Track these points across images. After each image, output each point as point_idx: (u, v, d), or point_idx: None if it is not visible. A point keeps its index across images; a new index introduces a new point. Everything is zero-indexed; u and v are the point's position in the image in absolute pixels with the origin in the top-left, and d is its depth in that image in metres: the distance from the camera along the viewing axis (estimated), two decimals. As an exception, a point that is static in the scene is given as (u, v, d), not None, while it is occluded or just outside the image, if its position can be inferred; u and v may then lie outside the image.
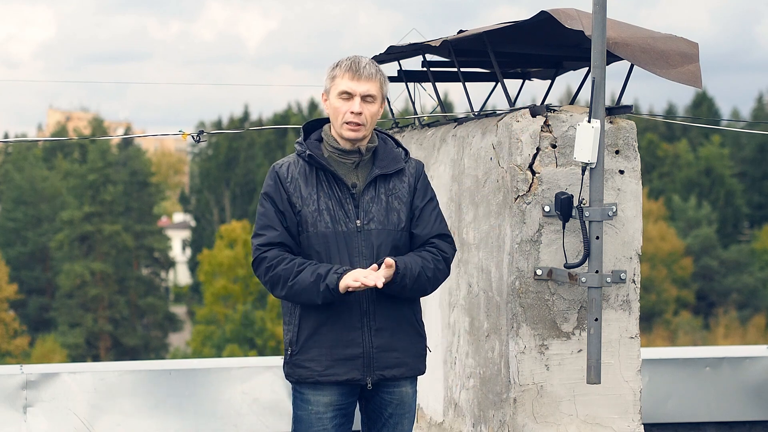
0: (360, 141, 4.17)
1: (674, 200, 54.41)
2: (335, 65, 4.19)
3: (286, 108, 64.91)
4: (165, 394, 6.29)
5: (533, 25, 4.89)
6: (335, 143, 4.19)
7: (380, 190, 4.18)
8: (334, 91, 4.17)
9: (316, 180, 4.17)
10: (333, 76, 4.18)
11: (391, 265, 4.03)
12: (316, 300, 4.06)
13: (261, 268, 4.14)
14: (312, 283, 4.04)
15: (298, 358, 4.18)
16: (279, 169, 4.21)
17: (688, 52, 4.83)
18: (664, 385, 6.67)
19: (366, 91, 4.14)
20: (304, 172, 4.18)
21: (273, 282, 4.12)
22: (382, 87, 4.18)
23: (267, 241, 4.14)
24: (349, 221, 4.13)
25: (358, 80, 4.13)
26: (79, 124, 70.59)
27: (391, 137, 4.32)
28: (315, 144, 4.23)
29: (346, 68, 4.15)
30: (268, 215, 4.15)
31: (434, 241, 4.21)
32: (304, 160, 4.20)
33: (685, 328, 46.17)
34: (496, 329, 4.95)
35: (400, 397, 4.25)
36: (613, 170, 4.83)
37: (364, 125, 4.14)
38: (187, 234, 66.67)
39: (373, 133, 4.25)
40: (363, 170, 4.20)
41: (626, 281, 4.82)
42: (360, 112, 4.12)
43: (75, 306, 51.07)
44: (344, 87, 4.14)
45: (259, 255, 4.14)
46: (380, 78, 4.18)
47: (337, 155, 4.19)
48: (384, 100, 4.23)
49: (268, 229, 4.14)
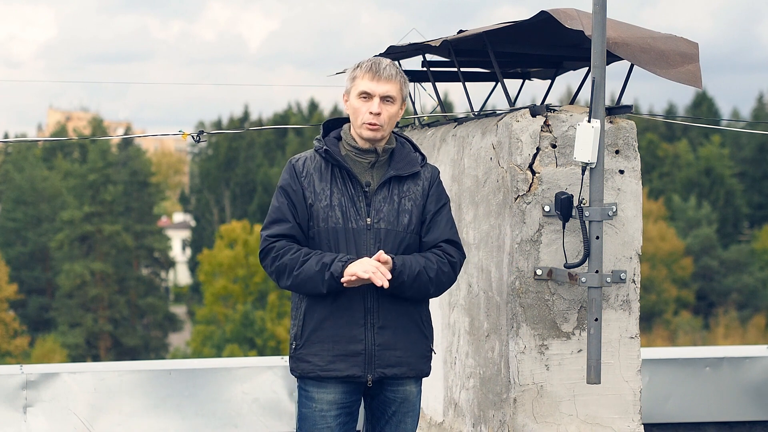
0: (378, 141, 4.21)
1: (674, 200, 54.41)
2: (356, 66, 4.24)
3: (287, 108, 64.93)
4: (165, 394, 6.29)
5: (533, 25, 4.89)
6: (353, 142, 4.24)
7: (393, 191, 4.21)
8: (354, 91, 4.21)
9: (330, 176, 4.21)
10: (353, 76, 4.23)
11: (387, 260, 4.06)
12: (321, 289, 4.10)
13: (268, 258, 4.19)
14: (317, 272, 4.08)
15: (301, 352, 4.21)
16: (295, 163, 4.26)
17: (688, 52, 4.83)
18: (664, 385, 6.67)
19: (385, 92, 4.18)
20: (319, 167, 4.23)
21: (279, 271, 4.16)
22: (402, 88, 4.23)
23: (276, 232, 4.18)
24: (359, 219, 4.17)
25: (377, 81, 4.18)
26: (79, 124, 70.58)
27: (410, 141, 4.36)
28: (333, 141, 4.28)
29: (366, 69, 4.20)
30: (281, 209, 4.20)
31: (441, 245, 4.24)
32: (320, 155, 4.25)
33: (685, 328, 46.18)
34: (496, 329, 4.95)
35: (404, 395, 4.26)
36: (613, 170, 4.83)
37: (382, 126, 4.18)
38: (187, 234, 66.68)
39: (392, 136, 4.29)
40: (378, 171, 4.24)
41: (626, 281, 4.82)
42: (379, 113, 4.16)
43: (75, 306, 51.07)
44: (364, 87, 4.19)
45: (268, 245, 4.19)
46: (400, 79, 4.22)
47: (354, 154, 4.23)
48: (404, 102, 4.27)
49: (279, 222, 4.19)
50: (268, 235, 4.19)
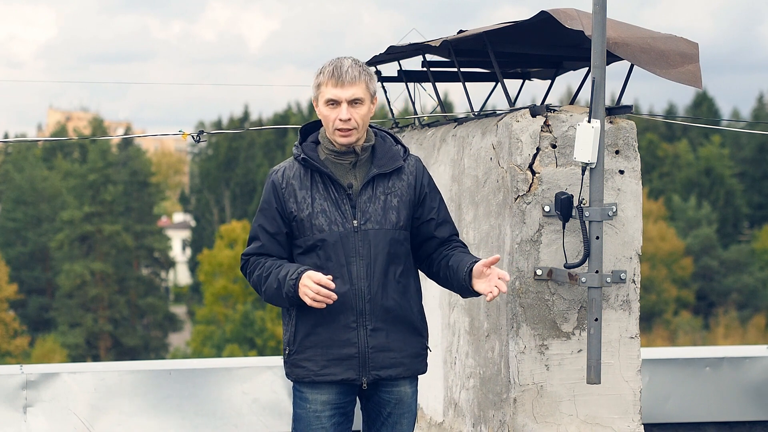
0: (354, 143, 4.17)
1: (674, 200, 54.41)
2: (318, 72, 4.16)
3: (286, 108, 64.92)
4: (165, 394, 6.28)
5: (533, 25, 4.89)
6: (330, 145, 4.19)
7: (378, 189, 4.17)
8: (321, 99, 4.16)
9: (311, 182, 4.17)
10: (318, 84, 4.16)
11: (496, 259, 4.07)
12: (285, 305, 4.16)
13: (246, 275, 4.28)
14: (275, 290, 4.12)
15: (295, 358, 4.20)
16: (274, 177, 4.22)
17: (688, 52, 4.83)
18: (664, 385, 6.67)
19: (351, 96, 4.11)
20: (299, 175, 4.19)
21: (255, 287, 4.23)
22: (368, 87, 4.15)
23: (250, 251, 4.24)
24: (345, 222, 4.13)
25: (342, 87, 4.11)
26: (79, 124, 70.59)
27: (390, 134, 4.30)
28: (311, 146, 4.24)
29: (329, 75, 4.12)
30: (255, 227, 4.24)
31: (454, 237, 4.29)
32: (299, 163, 4.21)
33: (685, 328, 46.19)
34: (496, 329, 4.95)
35: (399, 396, 4.25)
36: (613, 170, 4.83)
37: (355, 128, 4.13)
38: (187, 234, 66.68)
39: (370, 131, 4.24)
40: (361, 169, 4.20)
41: (626, 281, 4.82)
42: (348, 118, 4.11)
43: (75, 306, 51.08)
44: (329, 95, 4.12)
45: (243, 263, 4.28)
46: (365, 79, 4.14)
47: (333, 157, 4.19)
48: (374, 98, 4.19)
49: (254, 240, 4.24)
50: (244, 254, 4.26)
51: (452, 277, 4.20)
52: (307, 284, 4.01)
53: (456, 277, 4.17)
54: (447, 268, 4.22)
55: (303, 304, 4.06)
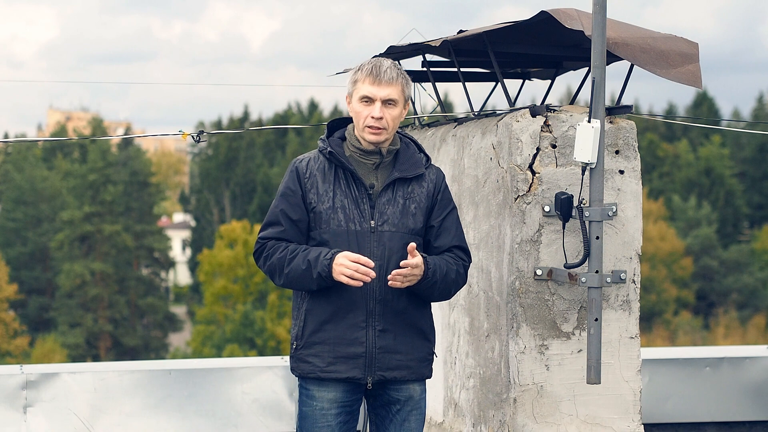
0: (382, 143, 4.20)
1: (674, 200, 54.40)
2: (358, 69, 4.22)
3: (287, 108, 64.92)
4: (165, 394, 6.29)
5: (533, 25, 4.89)
6: (357, 143, 4.22)
7: (398, 193, 4.20)
8: (356, 95, 4.20)
9: (334, 177, 4.20)
10: (355, 80, 4.21)
11: (417, 264, 4.04)
12: (312, 286, 4.12)
13: (261, 258, 4.23)
14: (304, 270, 4.10)
15: (302, 353, 4.21)
16: (299, 165, 4.25)
17: (688, 52, 4.83)
18: (664, 385, 6.67)
19: (387, 96, 4.16)
20: (323, 168, 4.22)
21: (271, 271, 4.20)
22: (403, 90, 4.21)
23: (268, 235, 4.21)
24: (363, 221, 4.16)
25: (378, 85, 4.16)
26: (78, 124, 70.57)
27: (415, 142, 4.34)
28: (337, 142, 4.27)
29: (367, 73, 4.18)
30: (277, 213, 4.21)
31: (453, 249, 4.26)
32: (324, 156, 4.23)
33: (685, 328, 46.18)
34: (496, 329, 4.95)
35: (408, 393, 4.26)
36: (613, 170, 4.83)
37: (385, 129, 4.17)
38: (187, 234, 66.67)
39: (396, 136, 4.28)
40: (383, 172, 4.23)
41: (626, 281, 4.82)
42: (381, 117, 4.15)
43: (75, 306, 51.07)
44: (365, 92, 4.17)
45: (259, 246, 4.23)
46: (401, 81, 4.20)
47: (358, 155, 4.22)
48: (407, 103, 4.25)
49: (273, 224, 4.21)
50: (261, 237, 4.23)
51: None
52: (344, 263, 4.03)
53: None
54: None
55: (331, 285, 4.07)
